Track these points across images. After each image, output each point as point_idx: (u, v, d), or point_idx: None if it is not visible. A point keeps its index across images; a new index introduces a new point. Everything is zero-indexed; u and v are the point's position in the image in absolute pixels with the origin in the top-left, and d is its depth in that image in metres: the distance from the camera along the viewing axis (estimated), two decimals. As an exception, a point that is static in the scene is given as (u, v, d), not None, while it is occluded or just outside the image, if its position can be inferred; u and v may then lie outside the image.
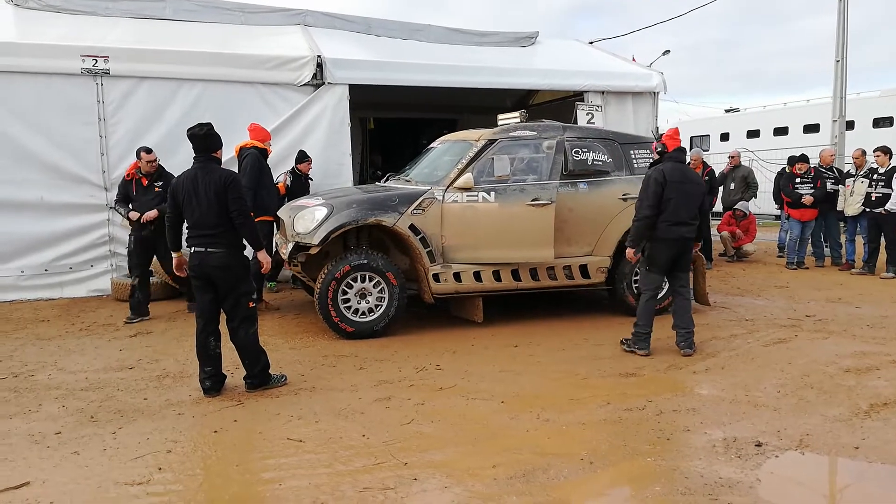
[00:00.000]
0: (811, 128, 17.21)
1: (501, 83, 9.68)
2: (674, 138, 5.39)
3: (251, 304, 4.53)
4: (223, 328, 4.67)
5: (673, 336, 5.65)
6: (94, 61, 7.64)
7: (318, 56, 8.40)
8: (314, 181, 8.31)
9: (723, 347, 5.73)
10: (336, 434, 3.91)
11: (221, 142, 4.56)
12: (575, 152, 6.64)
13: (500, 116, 7.16)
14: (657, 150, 5.37)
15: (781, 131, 18.33)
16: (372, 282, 6.04)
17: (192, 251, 4.42)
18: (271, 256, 6.77)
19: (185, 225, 4.58)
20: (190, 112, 7.96)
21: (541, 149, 6.56)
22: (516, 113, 6.95)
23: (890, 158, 9.40)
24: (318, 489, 3.26)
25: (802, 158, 10.33)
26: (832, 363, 5.30)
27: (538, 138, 6.60)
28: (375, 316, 6.08)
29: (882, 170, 9.42)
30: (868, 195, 9.52)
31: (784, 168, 11.04)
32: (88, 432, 3.97)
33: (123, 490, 3.25)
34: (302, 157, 8.03)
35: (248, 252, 4.63)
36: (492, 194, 6.25)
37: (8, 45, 7.50)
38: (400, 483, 3.31)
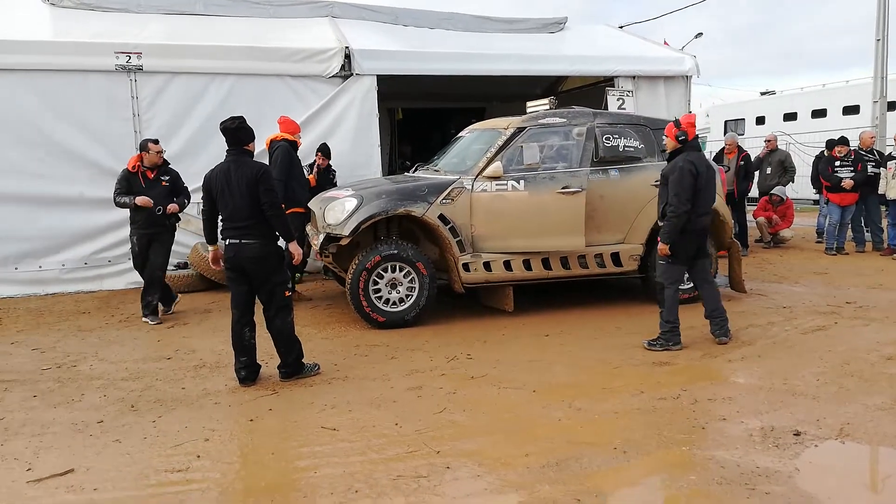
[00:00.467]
0: (851, 109, 16.72)
1: (530, 70, 9.60)
2: (694, 125, 5.29)
3: (287, 294, 4.57)
4: (258, 319, 4.72)
5: (705, 324, 5.58)
6: (128, 58, 7.76)
7: (346, 47, 8.41)
8: (339, 174, 8.32)
9: (759, 335, 5.63)
10: (369, 423, 3.94)
11: (253, 135, 4.60)
12: (606, 139, 6.54)
13: (530, 104, 7.13)
14: (677, 139, 5.17)
15: (819, 113, 17.86)
16: (402, 272, 6.05)
17: (227, 243, 4.48)
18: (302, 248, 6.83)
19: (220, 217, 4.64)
20: (221, 106, 8.04)
21: (571, 136, 6.49)
22: (546, 100, 6.91)
23: None
24: (352, 477, 3.29)
25: (842, 141, 10.05)
26: (873, 350, 5.17)
27: (568, 125, 6.54)
28: (406, 306, 6.08)
29: None
30: None
31: (822, 151, 10.75)
32: (129, 421, 4.06)
33: (164, 477, 3.32)
34: (322, 151, 7.96)
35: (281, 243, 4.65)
36: (521, 183, 6.21)
37: (45, 44, 7.66)
38: (433, 471, 3.33)
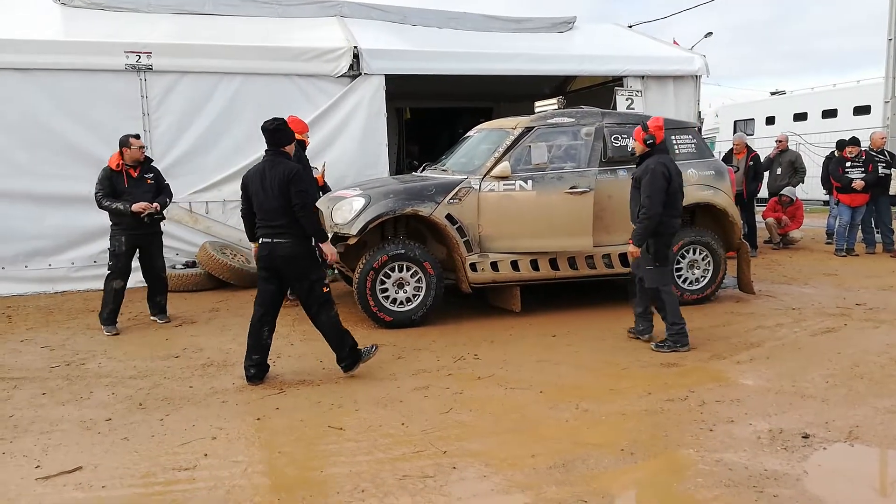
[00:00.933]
0: (862, 109, 16.60)
1: (538, 70, 9.58)
2: (662, 129, 5.29)
3: (325, 290, 4.63)
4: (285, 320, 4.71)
5: (712, 326, 5.58)
6: (138, 57, 7.78)
7: (355, 47, 8.41)
8: (347, 173, 8.29)
9: (768, 337, 5.60)
10: (376, 422, 3.94)
11: (292, 137, 4.66)
12: (614, 139, 6.51)
13: (538, 103, 7.11)
14: (646, 142, 5.18)
15: (830, 114, 17.73)
16: (409, 271, 6.03)
17: (261, 242, 4.54)
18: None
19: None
20: (230, 105, 8.08)
21: (579, 136, 6.48)
22: (554, 100, 6.90)
23: None
24: (359, 476, 3.29)
25: (853, 141, 9.98)
26: (883, 353, 5.13)
27: (576, 125, 6.53)
28: (413, 305, 6.08)
29: None
30: None
31: (833, 152, 10.68)
32: (137, 419, 4.06)
33: (171, 475, 3.32)
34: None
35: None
36: (529, 183, 6.20)
37: (56, 44, 7.69)
38: (439, 471, 3.33)
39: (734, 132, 13.75)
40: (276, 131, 4.56)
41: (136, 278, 7.70)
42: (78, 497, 3.15)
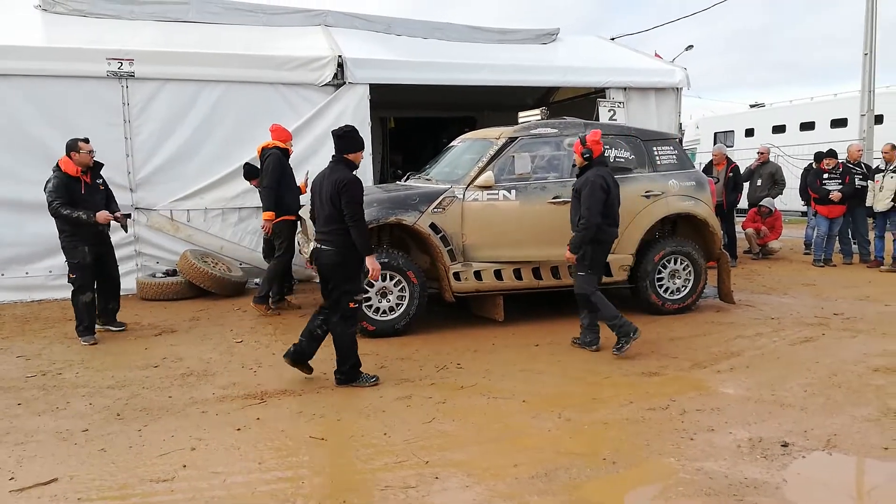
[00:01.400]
0: (839, 122, 16.87)
1: (522, 80, 9.63)
2: (599, 143, 5.49)
3: (352, 305, 4.64)
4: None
5: (691, 336, 5.65)
6: (120, 64, 7.71)
7: (339, 56, 8.39)
8: None
9: (748, 346, 5.65)
10: (358, 432, 3.92)
11: (357, 145, 4.65)
12: None
13: (521, 114, 7.15)
14: (584, 156, 5.45)
15: (808, 126, 18.01)
16: (393, 280, 6.01)
17: (314, 246, 4.69)
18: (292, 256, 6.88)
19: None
20: (212, 113, 8.03)
21: (562, 146, 6.51)
22: (537, 110, 6.93)
23: None
24: (340, 487, 3.26)
25: (830, 154, 10.14)
26: (861, 362, 5.18)
27: (559, 135, 6.56)
28: (396, 314, 6.04)
29: None
30: None
31: (811, 164, 10.83)
32: (115, 429, 4.01)
33: (149, 487, 3.28)
34: (249, 174, 7.41)
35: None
36: (512, 192, 6.22)
37: (37, 50, 7.61)
38: (421, 481, 3.31)
39: (714, 143, 13.88)
40: (342, 137, 4.58)
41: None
42: (53, 509, 3.07)
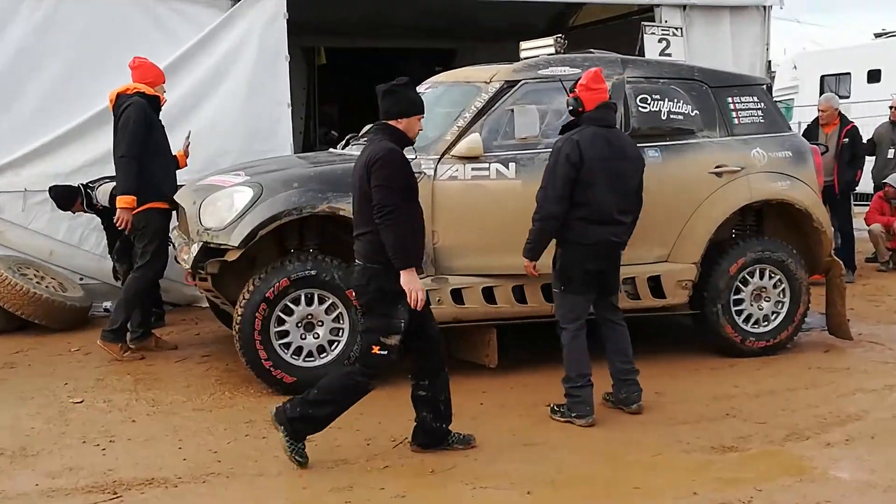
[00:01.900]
0: None
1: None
2: (594, 89, 4.42)
3: (375, 350, 3.88)
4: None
5: (791, 388, 4.76)
6: None
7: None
8: (230, 145, 6.71)
9: (872, 405, 4.79)
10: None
11: (408, 106, 3.95)
12: (641, 101, 5.39)
13: (525, 45, 6.09)
14: (569, 108, 4.55)
15: None
16: (324, 304, 5.00)
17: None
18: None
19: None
20: (39, 37, 6.51)
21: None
22: (549, 39, 5.82)
23: None
24: None
25: None
26: None
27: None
28: (329, 358, 5.04)
29: None
30: None
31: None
32: None
33: None
34: None
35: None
36: (511, 166, 5.21)
37: None
38: None
39: (821, 93, 11.68)
40: (386, 94, 3.93)
41: None
42: None
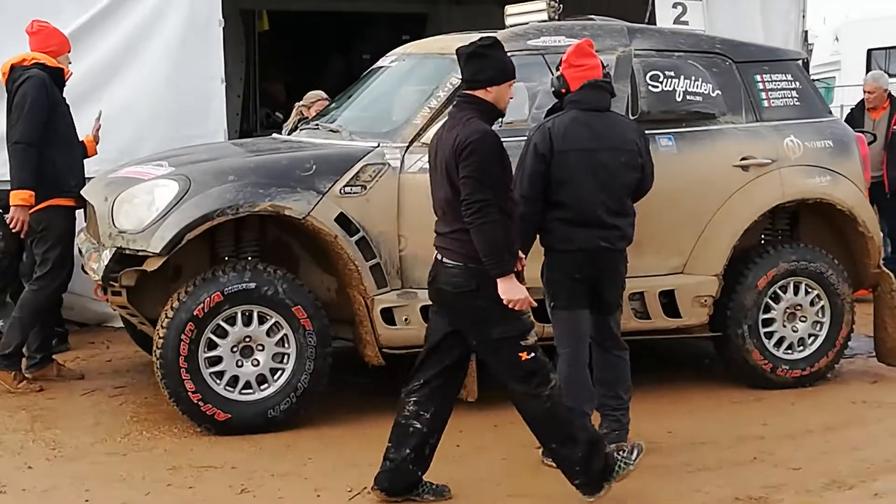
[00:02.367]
0: None
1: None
2: (581, 66, 4.05)
3: (524, 357, 3.52)
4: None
5: (833, 427, 4.43)
6: None
7: None
8: (152, 131, 6.10)
9: None
10: None
11: (499, 71, 3.51)
12: (651, 79, 4.93)
13: (511, 9, 5.55)
14: (552, 89, 4.29)
15: None
16: (265, 325, 4.54)
17: (437, 258, 3.74)
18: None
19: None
20: None
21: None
22: (541, 3, 5.25)
23: None
24: None
25: None
26: None
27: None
28: (271, 390, 4.56)
29: None
30: None
31: None
32: None
33: None
34: None
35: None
36: None
37: None
38: None
39: (867, 70, 10.96)
40: (471, 57, 3.51)
41: None
42: None
